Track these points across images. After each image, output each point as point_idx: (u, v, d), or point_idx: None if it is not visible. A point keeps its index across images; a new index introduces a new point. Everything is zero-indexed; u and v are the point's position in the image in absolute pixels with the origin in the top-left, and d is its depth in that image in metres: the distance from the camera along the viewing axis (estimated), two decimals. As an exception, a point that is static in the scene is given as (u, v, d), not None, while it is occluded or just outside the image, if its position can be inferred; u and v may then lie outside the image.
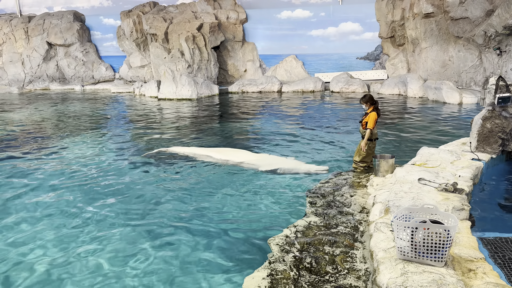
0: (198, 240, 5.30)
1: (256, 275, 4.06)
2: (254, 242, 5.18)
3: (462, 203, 4.66)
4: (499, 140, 6.61)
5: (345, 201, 5.92)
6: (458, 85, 17.29)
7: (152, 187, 7.37)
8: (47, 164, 9.01)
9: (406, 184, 5.35)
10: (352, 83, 20.40)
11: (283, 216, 5.90)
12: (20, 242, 5.40)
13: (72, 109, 17.55)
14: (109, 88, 24.67)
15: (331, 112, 15.12)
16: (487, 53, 16.36)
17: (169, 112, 16.19)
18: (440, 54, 18.21)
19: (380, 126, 11.62)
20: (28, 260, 4.95)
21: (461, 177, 5.53)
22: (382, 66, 21.96)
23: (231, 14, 23.25)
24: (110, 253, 5.05)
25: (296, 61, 23.31)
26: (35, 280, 4.53)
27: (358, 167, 7.45)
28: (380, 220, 4.51)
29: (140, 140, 11.25)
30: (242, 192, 6.92)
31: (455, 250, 3.72)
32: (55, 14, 27.12)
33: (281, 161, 8.42)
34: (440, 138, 10.20)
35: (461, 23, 16.83)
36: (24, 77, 27.11)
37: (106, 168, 8.62)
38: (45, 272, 4.67)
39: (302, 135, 11.20)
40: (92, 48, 26.91)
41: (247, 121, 13.91)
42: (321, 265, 4.21)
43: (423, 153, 6.83)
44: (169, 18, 23.10)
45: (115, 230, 5.70)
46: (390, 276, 3.34)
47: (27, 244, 5.33)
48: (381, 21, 21.07)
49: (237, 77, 23.87)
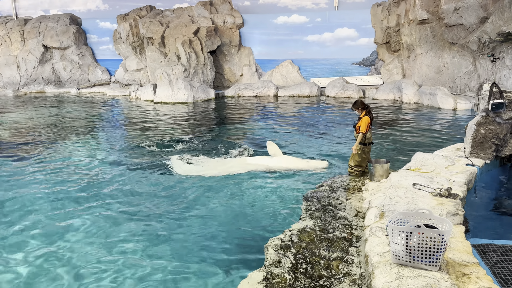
0: (193, 243, 5.29)
1: (251, 279, 4.06)
2: (249, 245, 5.19)
3: (456, 208, 4.69)
4: (492, 145, 6.68)
5: (341, 205, 5.94)
6: (452, 91, 17.43)
7: (147, 189, 7.36)
8: (38, 167, 8.97)
9: (401, 189, 5.38)
10: (348, 88, 20.50)
11: (279, 220, 5.91)
12: (11, 244, 5.39)
13: (67, 112, 17.48)
14: (105, 92, 24.63)
15: (326, 117, 15.18)
16: (481, 59, 16.52)
17: (165, 115, 16.18)
18: (434, 60, 18.36)
19: (375, 131, 11.68)
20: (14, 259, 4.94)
21: (455, 182, 5.57)
22: (378, 72, 22.10)
23: (228, 18, 23.35)
24: (102, 253, 5.04)
25: (292, 66, 23.40)
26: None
27: (353, 171, 7.50)
28: (375, 224, 4.53)
29: (134, 142, 11.23)
30: (238, 196, 6.93)
31: (449, 255, 3.75)
32: (51, 17, 27.09)
33: (279, 161, 8.50)
34: (434, 143, 10.27)
35: (455, 30, 16.99)
36: (19, 79, 27.01)
37: (99, 171, 8.60)
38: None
39: (297, 139, 11.23)
40: (88, 51, 26.88)
41: (243, 125, 13.92)
42: (316, 269, 4.22)
43: (418, 158, 6.88)
44: (165, 22, 23.14)
45: (107, 229, 5.69)
46: (385, 280, 3.36)
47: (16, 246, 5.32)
48: (376, 27, 21.23)
49: (233, 82, 23.92)
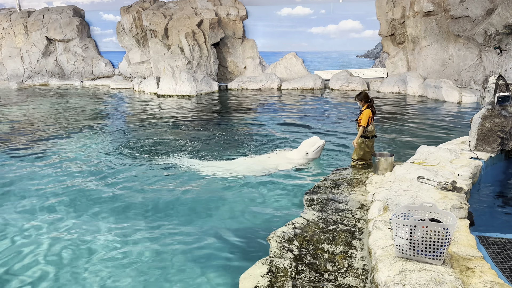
0: (195, 236, 5.30)
1: (253, 272, 4.05)
2: (252, 238, 5.19)
3: (460, 202, 4.66)
4: (498, 139, 6.61)
5: (344, 198, 5.92)
6: (457, 84, 17.28)
7: (150, 184, 7.37)
8: (42, 160, 9.00)
9: (405, 182, 5.35)
10: (352, 81, 20.38)
11: (281, 213, 5.90)
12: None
13: (70, 105, 17.50)
14: (108, 84, 24.62)
15: (330, 110, 15.11)
16: (487, 52, 16.35)
17: (168, 108, 16.16)
18: (440, 52, 18.18)
19: (379, 124, 11.62)
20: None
21: (460, 175, 5.53)
22: (382, 64, 21.93)
23: (231, 10, 23.19)
24: (103, 248, 5.05)
25: (296, 59, 23.26)
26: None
27: (356, 165, 7.46)
28: (379, 218, 4.51)
29: (138, 136, 11.23)
30: (240, 188, 6.92)
31: (454, 249, 3.72)
32: (55, 9, 27.02)
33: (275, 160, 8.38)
34: (439, 136, 10.20)
35: (461, 22, 16.80)
36: (23, 72, 27.03)
37: (102, 165, 8.62)
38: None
39: (301, 132, 11.19)
40: (91, 44, 26.82)
41: (247, 117, 13.89)
42: (320, 263, 4.21)
43: (422, 151, 6.84)
44: (169, 14, 23.02)
45: (110, 224, 5.71)
46: (388, 274, 3.34)
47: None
48: (381, 19, 21.02)
49: (236, 74, 23.83)
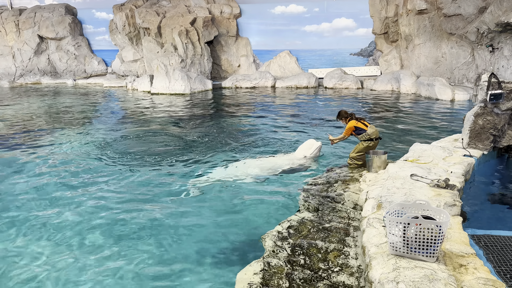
0: (190, 236, 5.28)
1: (248, 270, 4.05)
2: (247, 237, 5.18)
3: (453, 199, 4.69)
4: (490, 136, 6.66)
5: (338, 196, 5.93)
6: (450, 82, 17.39)
7: (141, 183, 7.34)
8: (32, 157, 8.92)
9: (398, 180, 5.36)
10: (346, 79, 20.44)
11: (276, 211, 5.90)
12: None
13: (63, 103, 17.36)
14: (101, 83, 24.46)
15: (324, 108, 15.13)
16: (479, 50, 16.45)
17: (162, 107, 16.09)
18: (433, 50, 18.28)
19: (373, 122, 11.65)
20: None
21: (453, 173, 5.56)
22: (376, 63, 22.00)
23: (225, 8, 23.12)
24: (95, 250, 5.01)
25: (290, 57, 23.26)
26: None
27: (352, 164, 7.47)
28: (373, 215, 4.52)
29: (130, 134, 11.17)
30: (237, 189, 6.90)
31: (447, 246, 3.74)
32: (47, 7, 26.77)
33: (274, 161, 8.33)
34: (432, 134, 10.25)
35: (454, 20, 16.90)
36: (15, 70, 26.77)
37: (92, 164, 8.55)
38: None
39: (295, 130, 11.19)
40: (84, 42, 26.63)
41: (240, 116, 13.86)
42: (314, 261, 4.22)
43: (416, 149, 6.86)
44: (162, 12, 22.91)
45: (101, 227, 5.65)
46: (382, 271, 3.35)
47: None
48: (374, 17, 21.07)
49: (230, 72, 23.78)
